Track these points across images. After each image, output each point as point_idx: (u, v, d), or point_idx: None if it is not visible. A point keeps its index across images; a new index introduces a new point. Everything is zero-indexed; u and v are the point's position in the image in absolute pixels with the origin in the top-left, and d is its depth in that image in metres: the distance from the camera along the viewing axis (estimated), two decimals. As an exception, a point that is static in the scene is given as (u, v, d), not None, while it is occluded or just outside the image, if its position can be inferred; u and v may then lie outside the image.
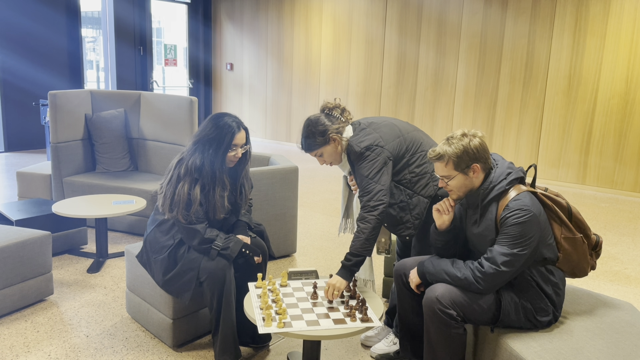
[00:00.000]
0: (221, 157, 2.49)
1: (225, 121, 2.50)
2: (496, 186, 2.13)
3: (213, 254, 2.46)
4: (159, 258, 2.56)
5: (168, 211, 2.50)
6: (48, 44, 8.10)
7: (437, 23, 7.67)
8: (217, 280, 2.45)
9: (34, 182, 4.66)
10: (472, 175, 2.15)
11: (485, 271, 2.06)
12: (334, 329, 2.10)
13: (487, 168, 2.17)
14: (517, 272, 2.09)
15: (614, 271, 4.09)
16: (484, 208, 2.17)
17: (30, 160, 7.32)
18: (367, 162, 2.44)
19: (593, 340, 2.05)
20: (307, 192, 6.23)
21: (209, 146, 2.48)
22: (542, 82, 6.94)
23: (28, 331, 2.86)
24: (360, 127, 2.56)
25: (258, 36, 9.60)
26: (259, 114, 9.84)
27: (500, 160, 2.22)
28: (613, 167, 6.59)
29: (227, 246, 2.47)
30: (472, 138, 2.14)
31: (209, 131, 2.49)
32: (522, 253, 2.03)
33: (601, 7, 6.42)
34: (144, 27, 9.16)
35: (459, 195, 2.20)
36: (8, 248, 2.94)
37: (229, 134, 2.48)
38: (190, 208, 2.46)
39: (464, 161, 2.11)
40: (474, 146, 2.11)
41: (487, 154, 2.16)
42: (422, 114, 8.00)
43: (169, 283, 2.55)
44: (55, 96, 4.42)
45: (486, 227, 2.15)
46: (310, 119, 2.56)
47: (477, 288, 2.08)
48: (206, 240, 2.47)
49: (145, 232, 2.68)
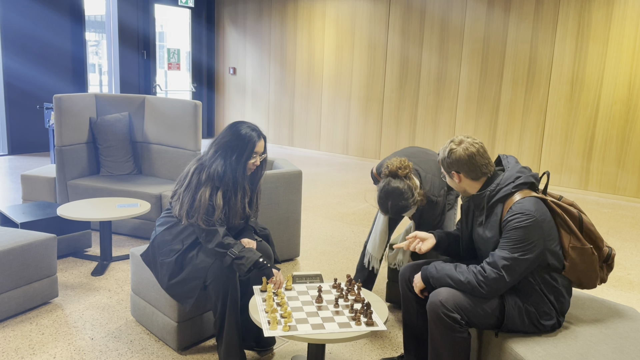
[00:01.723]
0: (243, 164, 2.53)
1: (247, 130, 2.55)
2: (502, 188, 2.15)
3: (227, 261, 2.45)
4: (166, 261, 2.57)
5: (186, 217, 2.51)
6: (52, 47, 8.14)
7: (440, 28, 7.70)
8: (222, 284, 2.46)
9: (39, 185, 4.68)
10: (456, 181, 2.24)
11: (487, 275, 2.07)
12: (339, 332, 2.10)
13: (477, 177, 2.20)
14: (520, 277, 2.09)
15: (617, 277, 4.10)
16: (489, 209, 2.19)
17: (34, 163, 7.35)
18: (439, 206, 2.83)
19: (597, 346, 2.06)
20: (311, 196, 6.24)
21: (231, 154, 2.51)
22: (544, 87, 6.96)
23: (33, 333, 2.87)
24: (418, 174, 2.77)
25: (261, 40, 9.63)
26: (262, 118, 9.86)
27: (513, 164, 2.23)
28: (615, 173, 6.59)
29: (242, 256, 2.45)
30: (459, 147, 2.19)
31: (231, 139, 2.53)
32: (523, 258, 2.04)
33: (604, 13, 6.44)
34: (147, 31, 9.20)
35: (459, 192, 2.34)
36: (13, 251, 2.96)
37: (251, 143, 2.52)
38: (212, 214, 2.48)
39: (445, 167, 2.26)
40: (455, 156, 2.19)
41: (474, 166, 2.17)
42: (425, 118, 8.02)
43: (174, 288, 2.56)
44: (61, 100, 4.44)
45: (491, 228, 2.17)
46: (393, 193, 2.61)
47: (480, 292, 2.09)
48: (224, 245, 2.47)
49: (154, 233, 2.69)
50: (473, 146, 2.18)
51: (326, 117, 9.06)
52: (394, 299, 3.29)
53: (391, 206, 2.61)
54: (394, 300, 3.30)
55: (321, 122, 9.13)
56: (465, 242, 2.38)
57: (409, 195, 2.59)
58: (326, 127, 9.08)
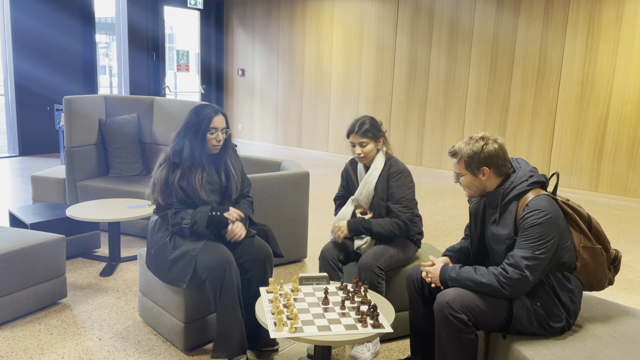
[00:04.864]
0: (200, 139, 2.65)
1: (202, 107, 2.70)
2: (517, 186, 2.15)
3: (186, 232, 2.60)
4: (159, 251, 2.68)
5: (151, 195, 2.69)
6: (62, 49, 8.21)
7: (448, 28, 7.67)
8: (217, 278, 2.50)
9: (48, 186, 4.72)
10: (482, 178, 2.20)
11: (510, 276, 2.05)
12: (345, 334, 2.10)
13: (502, 173, 2.19)
14: (541, 275, 2.08)
15: (627, 279, 4.05)
16: (503, 207, 2.18)
17: (44, 165, 7.41)
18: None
19: (607, 349, 2.04)
20: (318, 197, 6.24)
21: (189, 132, 2.66)
22: (554, 88, 6.91)
23: (42, 333, 2.89)
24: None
25: (269, 42, 9.65)
26: (270, 119, 9.88)
27: (524, 164, 2.24)
28: (626, 174, 6.53)
29: (194, 221, 2.59)
30: (488, 142, 2.17)
31: (188, 118, 2.69)
32: (543, 256, 2.03)
33: (614, 13, 6.38)
34: (156, 33, 9.25)
35: (470, 194, 2.27)
36: (23, 251, 2.98)
37: (207, 117, 2.65)
38: (167, 190, 2.62)
39: (474, 163, 2.17)
40: (487, 151, 2.15)
41: (503, 160, 2.18)
42: (433, 120, 7.99)
43: (169, 272, 2.62)
44: (70, 101, 4.48)
45: (505, 225, 2.16)
46: (369, 117, 2.89)
47: (502, 294, 2.08)
48: (176, 222, 2.61)
49: (148, 237, 2.82)
50: (497, 142, 2.19)
51: (334, 118, 9.06)
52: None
53: (360, 122, 2.79)
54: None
55: (329, 123, 9.13)
56: (475, 245, 2.37)
57: (378, 128, 2.81)
58: (334, 128, 9.07)
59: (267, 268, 2.73)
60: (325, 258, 2.81)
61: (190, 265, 2.55)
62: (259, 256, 2.72)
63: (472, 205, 2.38)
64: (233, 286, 2.52)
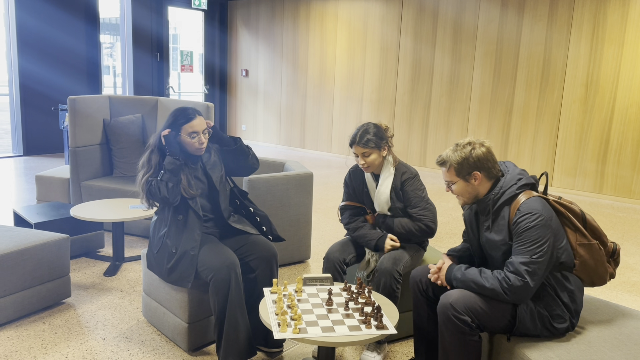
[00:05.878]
0: (177, 130, 2.62)
1: (182, 108, 2.69)
2: (506, 191, 2.15)
3: (166, 188, 2.54)
4: (160, 249, 2.66)
5: (139, 181, 2.68)
6: (67, 49, 8.23)
7: (452, 29, 7.66)
8: (223, 280, 2.48)
9: (53, 186, 4.73)
10: (474, 183, 2.20)
11: (512, 284, 2.05)
12: (349, 335, 2.10)
13: (492, 176, 2.20)
14: (542, 279, 2.08)
15: (631, 282, 4.04)
16: (495, 213, 2.18)
17: (48, 164, 7.43)
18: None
19: (611, 352, 2.03)
20: (322, 198, 6.24)
21: (166, 125, 2.66)
22: (558, 89, 6.89)
23: (46, 333, 2.90)
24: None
25: (273, 42, 9.66)
26: (274, 120, 9.88)
27: (512, 167, 2.25)
28: (631, 177, 6.51)
29: (163, 171, 2.56)
30: (475, 147, 2.18)
31: (168, 117, 2.69)
32: (541, 259, 2.03)
33: (619, 15, 6.36)
34: (161, 34, 9.27)
35: (464, 200, 2.27)
36: (27, 251, 2.99)
37: (183, 114, 2.64)
38: (149, 172, 2.62)
39: (465, 168, 2.18)
40: (476, 155, 2.16)
41: (492, 163, 2.19)
42: (437, 121, 7.98)
43: (171, 272, 2.61)
44: (75, 101, 4.49)
45: (499, 231, 2.16)
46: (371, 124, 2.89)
47: (505, 299, 2.08)
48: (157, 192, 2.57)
49: (150, 237, 2.81)
50: (484, 145, 2.20)
51: (338, 119, 9.06)
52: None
53: (362, 131, 2.77)
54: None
55: (333, 124, 9.13)
56: (475, 250, 2.37)
57: (381, 136, 2.78)
58: (338, 129, 9.07)
59: (274, 266, 2.73)
60: (331, 260, 2.80)
61: (192, 265, 2.55)
62: (265, 254, 2.71)
63: (465, 213, 2.38)
64: (240, 289, 2.52)
